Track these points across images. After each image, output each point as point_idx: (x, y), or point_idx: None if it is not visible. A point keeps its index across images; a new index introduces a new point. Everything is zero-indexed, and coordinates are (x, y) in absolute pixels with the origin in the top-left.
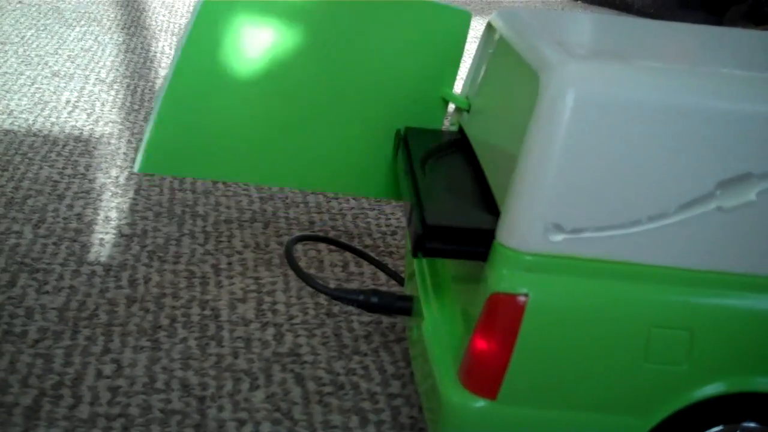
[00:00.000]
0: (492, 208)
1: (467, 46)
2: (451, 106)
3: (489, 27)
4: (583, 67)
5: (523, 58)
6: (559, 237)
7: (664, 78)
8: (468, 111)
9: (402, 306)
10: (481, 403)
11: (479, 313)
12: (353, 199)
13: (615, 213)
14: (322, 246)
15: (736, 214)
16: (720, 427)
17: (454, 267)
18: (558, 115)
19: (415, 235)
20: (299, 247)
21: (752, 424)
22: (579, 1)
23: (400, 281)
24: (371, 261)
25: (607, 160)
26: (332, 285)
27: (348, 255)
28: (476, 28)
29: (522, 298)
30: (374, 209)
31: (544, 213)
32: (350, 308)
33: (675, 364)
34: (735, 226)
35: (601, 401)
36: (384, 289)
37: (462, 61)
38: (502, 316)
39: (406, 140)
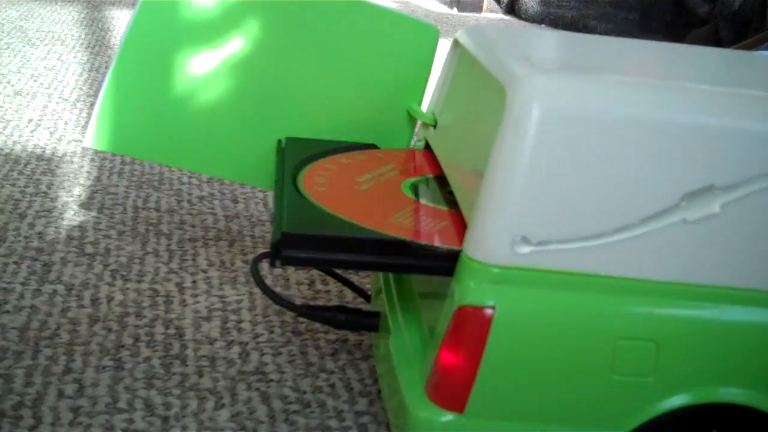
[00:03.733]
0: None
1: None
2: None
3: (456, 43)
4: (549, 80)
5: (489, 73)
6: (525, 249)
7: (629, 92)
8: (434, 126)
9: (369, 322)
10: (448, 416)
11: (446, 327)
12: None
13: (581, 225)
14: None
15: (701, 225)
16: None
17: (420, 282)
18: (524, 128)
19: (272, 243)
20: (265, 264)
21: None
22: (543, 26)
23: (367, 298)
24: (337, 278)
25: (573, 173)
26: (298, 302)
27: (314, 272)
28: (441, 49)
29: (489, 311)
30: None
31: (510, 226)
32: (317, 326)
33: (641, 376)
34: (699, 238)
35: (569, 414)
36: (351, 305)
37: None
38: (470, 329)
39: (283, 150)
